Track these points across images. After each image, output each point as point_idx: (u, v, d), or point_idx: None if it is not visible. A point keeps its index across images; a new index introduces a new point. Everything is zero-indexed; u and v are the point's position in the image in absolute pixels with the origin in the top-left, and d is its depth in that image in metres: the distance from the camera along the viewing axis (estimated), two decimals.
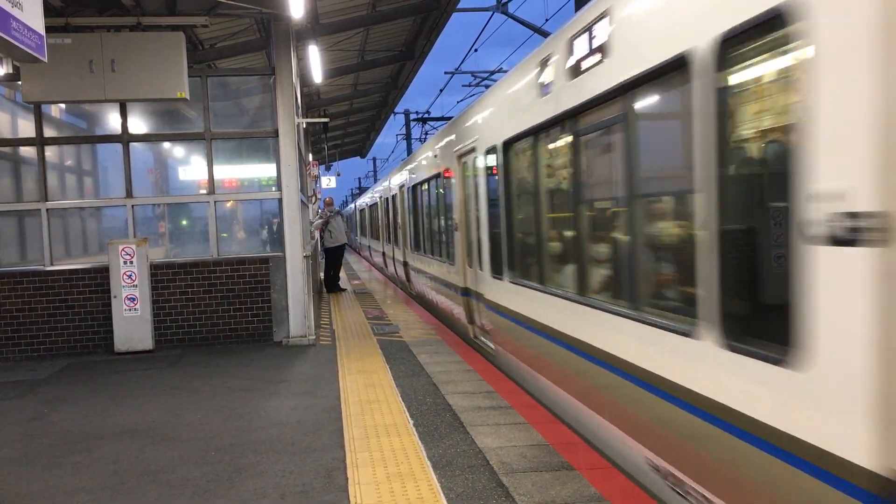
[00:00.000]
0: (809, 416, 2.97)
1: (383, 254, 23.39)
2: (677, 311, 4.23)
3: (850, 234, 2.67)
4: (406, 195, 16.62)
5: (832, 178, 2.73)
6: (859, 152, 2.59)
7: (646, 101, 4.56)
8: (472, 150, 9.18)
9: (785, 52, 3.10)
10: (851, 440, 2.71)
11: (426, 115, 27.56)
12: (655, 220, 4.75)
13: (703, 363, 3.74)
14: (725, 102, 3.55)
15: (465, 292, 10.17)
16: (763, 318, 3.49)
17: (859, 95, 2.59)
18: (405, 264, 17.42)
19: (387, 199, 21.72)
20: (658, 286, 4.66)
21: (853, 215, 2.65)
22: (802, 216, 2.90)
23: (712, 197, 3.62)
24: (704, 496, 3.81)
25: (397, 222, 18.59)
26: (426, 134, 25.69)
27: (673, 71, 3.95)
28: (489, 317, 8.80)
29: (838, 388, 2.78)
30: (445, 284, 11.72)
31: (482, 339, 9.40)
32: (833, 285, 2.77)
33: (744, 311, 3.54)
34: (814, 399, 2.92)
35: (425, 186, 13.73)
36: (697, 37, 3.63)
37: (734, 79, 3.53)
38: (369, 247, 30.72)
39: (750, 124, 3.61)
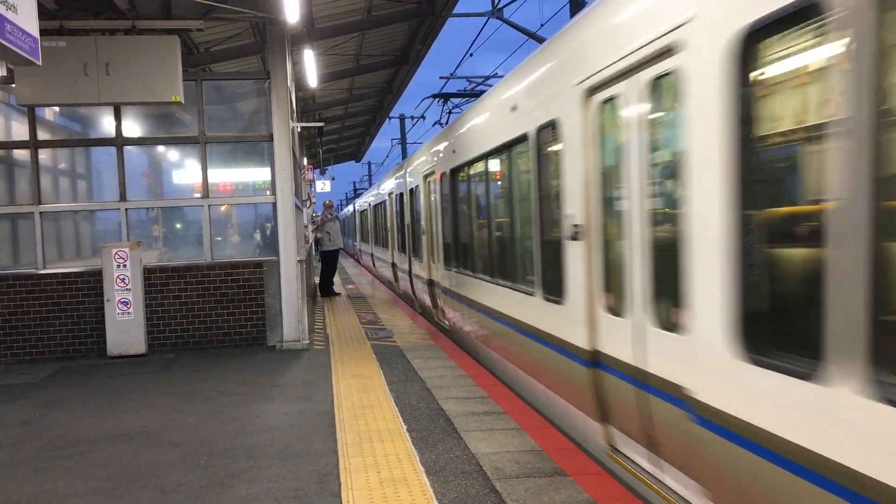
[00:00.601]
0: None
1: (393, 265, 19.05)
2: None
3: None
4: (442, 186, 11.44)
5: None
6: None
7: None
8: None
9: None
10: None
11: (446, 92, 23.97)
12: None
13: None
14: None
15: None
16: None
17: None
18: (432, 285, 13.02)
19: (398, 196, 17.56)
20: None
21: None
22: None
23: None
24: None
25: (419, 226, 14.08)
26: (449, 114, 20.71)
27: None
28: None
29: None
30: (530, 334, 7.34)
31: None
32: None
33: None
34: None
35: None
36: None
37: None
38: (372, 254, 26.47)
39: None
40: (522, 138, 6.90)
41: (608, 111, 5.02)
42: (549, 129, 6.17)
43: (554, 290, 6.11)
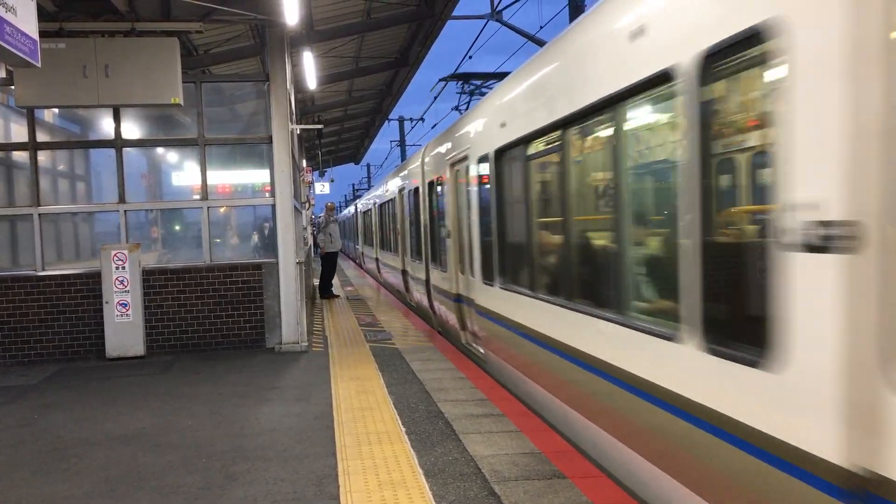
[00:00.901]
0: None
1: (403, 273, 16.31)
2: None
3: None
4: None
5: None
6: None
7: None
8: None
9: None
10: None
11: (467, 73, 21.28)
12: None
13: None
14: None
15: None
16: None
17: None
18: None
19: (411, 192, 14.78)
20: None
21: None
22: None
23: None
24: None
25: (442, 228, 11.50)
26: (469, 99, 16.73)
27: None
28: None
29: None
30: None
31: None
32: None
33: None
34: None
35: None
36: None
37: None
38: (378, 259, 22.79)
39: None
40: (657, 80, 4.15)
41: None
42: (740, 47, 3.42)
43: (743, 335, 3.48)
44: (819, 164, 2.88)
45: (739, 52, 3.45)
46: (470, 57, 19.11)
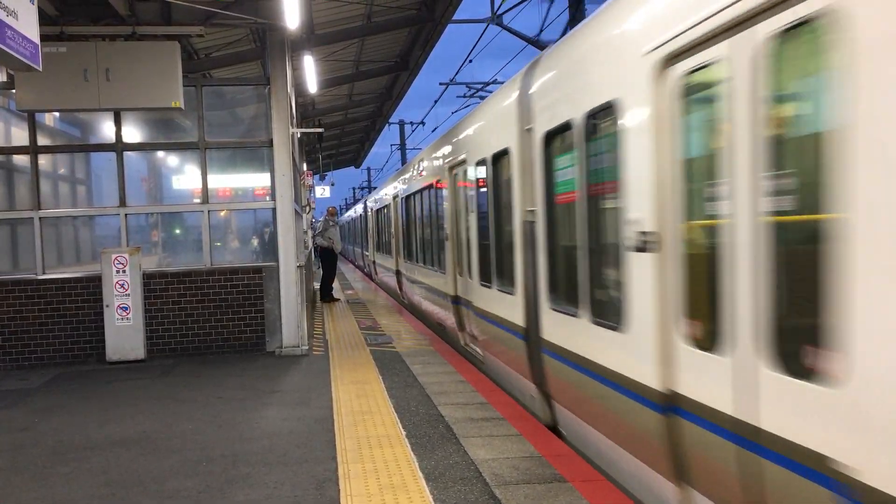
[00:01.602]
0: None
1: (456, 301, 10.40)
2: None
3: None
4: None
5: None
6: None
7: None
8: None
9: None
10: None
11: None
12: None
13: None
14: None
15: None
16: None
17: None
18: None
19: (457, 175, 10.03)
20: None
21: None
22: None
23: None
24: None
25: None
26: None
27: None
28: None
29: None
30: None
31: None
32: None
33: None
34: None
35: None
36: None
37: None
38: (400, 273, 17.30)
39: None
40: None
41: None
42: None
43: None
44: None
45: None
46: (470, 61, 19.15)
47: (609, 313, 4.96)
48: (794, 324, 3.21)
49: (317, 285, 18.17)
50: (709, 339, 3.78)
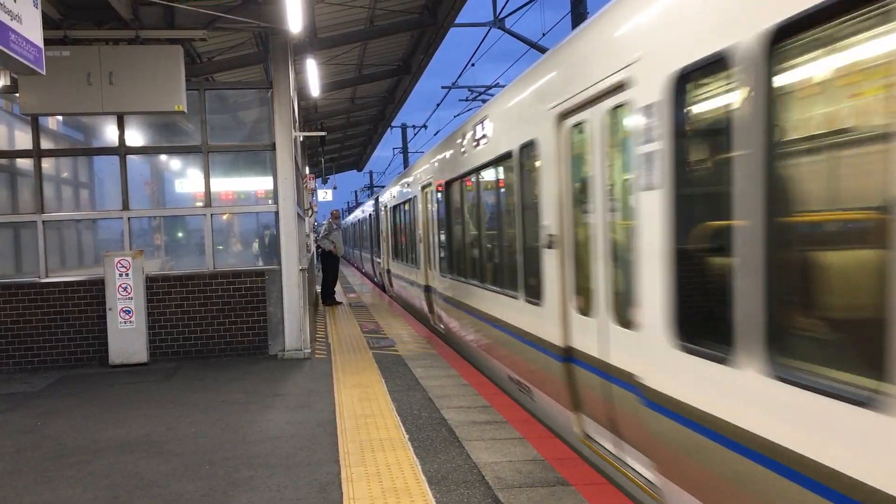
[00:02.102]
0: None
1: (571, 355, 6.16)
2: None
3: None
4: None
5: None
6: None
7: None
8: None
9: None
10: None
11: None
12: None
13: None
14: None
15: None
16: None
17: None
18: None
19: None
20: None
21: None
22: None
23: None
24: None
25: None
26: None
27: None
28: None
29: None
30: None
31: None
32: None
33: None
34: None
35: None
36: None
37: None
38: (429, 288, 13.53)
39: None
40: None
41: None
42: None
43: None
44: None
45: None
46: (473, 64, 19.19)
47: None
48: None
49: (318, 289, 18.17)
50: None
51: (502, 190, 8.39)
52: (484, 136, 8.67)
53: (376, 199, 24.59)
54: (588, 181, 5.49)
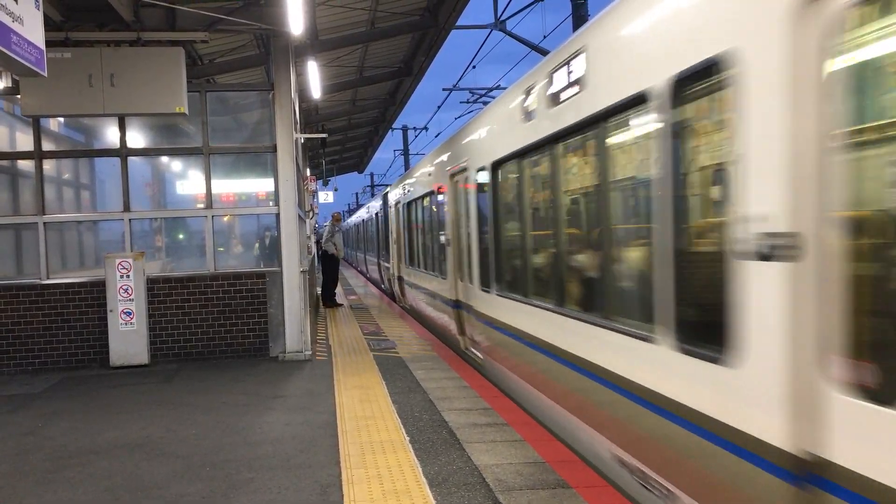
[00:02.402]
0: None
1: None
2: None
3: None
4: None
5: None
6: None
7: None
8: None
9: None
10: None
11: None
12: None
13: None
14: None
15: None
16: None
17: None
18: None
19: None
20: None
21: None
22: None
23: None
24: None
25: None
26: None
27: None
28: None
29: None
30: None
31: None
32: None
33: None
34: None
35: None
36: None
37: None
38: (465, 308, 10.07)
39: None
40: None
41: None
42: None
43: None
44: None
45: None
46: (474, 67, 19.19)
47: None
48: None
49: (319, 290, 18.16)
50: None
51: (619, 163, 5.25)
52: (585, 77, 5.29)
53: (385, 196, 21.12)
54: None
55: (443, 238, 11.30)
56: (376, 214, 23.37)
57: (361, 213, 33.39)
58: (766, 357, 3.26)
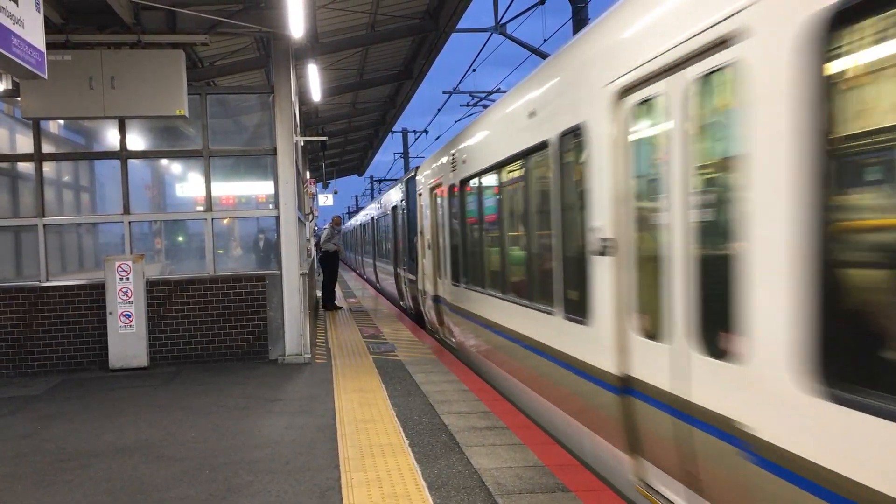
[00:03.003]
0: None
1: None
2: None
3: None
4: None
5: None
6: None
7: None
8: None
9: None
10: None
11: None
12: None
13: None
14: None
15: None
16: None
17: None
18: None
19: None
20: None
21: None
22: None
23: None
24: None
25: None
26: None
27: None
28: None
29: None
30: None
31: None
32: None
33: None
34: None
35: None
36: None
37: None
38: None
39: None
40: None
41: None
42: None
43: None
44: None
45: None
46: (474, 70, 19.21)
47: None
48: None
49: (318, 293, 18.16)
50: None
51: None
52: None
53: (408, 182, 16.27)
54: None
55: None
56: (392, 210, 19.10)
57: (370, 211, 28.12)
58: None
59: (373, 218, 25.76)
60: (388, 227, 20.53)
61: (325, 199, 34.39)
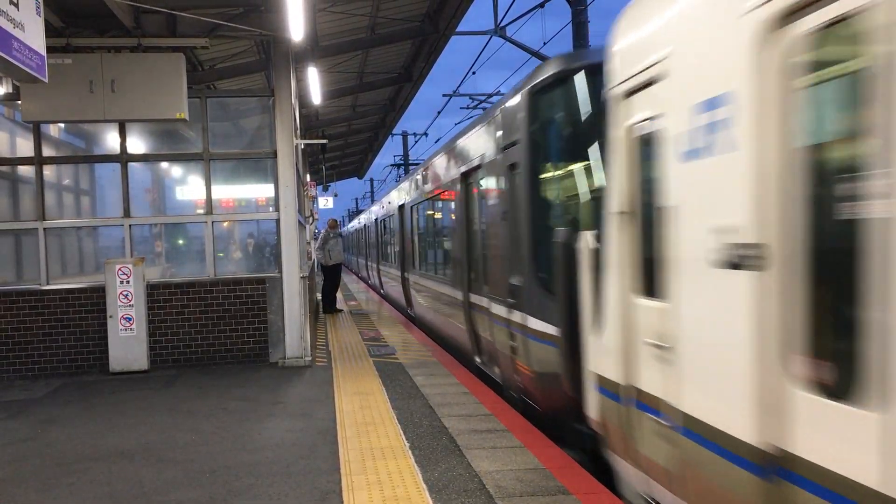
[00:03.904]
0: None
1: None
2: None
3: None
4: None
5: None
6: None
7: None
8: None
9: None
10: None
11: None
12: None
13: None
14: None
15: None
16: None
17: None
18: None
19: None
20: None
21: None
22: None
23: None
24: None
25: None
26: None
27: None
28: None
29: None
30: None
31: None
32: None
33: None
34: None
35: None
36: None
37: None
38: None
39: None
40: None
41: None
42: None
43: None
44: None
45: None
46: (474, 73, 19.20)
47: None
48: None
49: (319, 296, 18.15)
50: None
51: None
52: None
53: (424, 172, 13.17)
54: None
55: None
56: (390, 215, 17.39)
57: (376, 209, 24.59)
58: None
59: (380, 218, 21.35)
60: (391, 228, 18.48)
61: (326, 202, 34.41)
